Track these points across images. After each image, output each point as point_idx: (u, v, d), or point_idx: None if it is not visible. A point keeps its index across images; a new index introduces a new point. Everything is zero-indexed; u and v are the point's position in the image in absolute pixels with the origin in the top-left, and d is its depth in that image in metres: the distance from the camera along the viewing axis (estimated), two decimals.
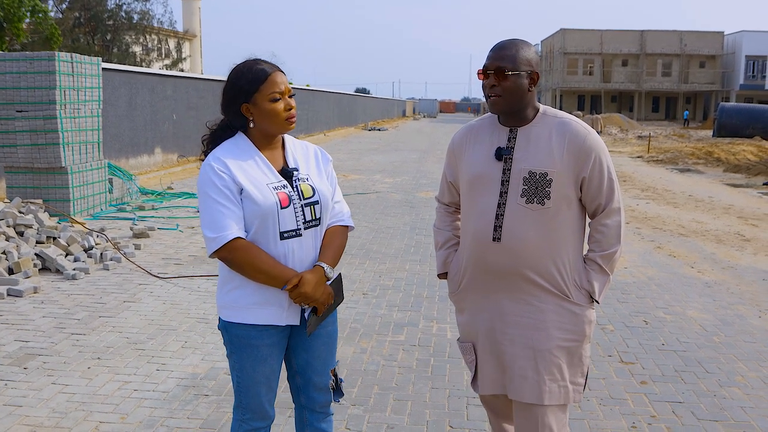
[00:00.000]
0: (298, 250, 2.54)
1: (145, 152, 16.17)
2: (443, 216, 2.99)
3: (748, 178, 17.25)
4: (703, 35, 69.58)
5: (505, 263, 2.58)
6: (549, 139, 2.56)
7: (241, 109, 2.53)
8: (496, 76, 2.52)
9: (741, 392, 4.34)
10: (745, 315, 5.94)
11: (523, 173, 2.55)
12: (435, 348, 5.04)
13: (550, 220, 2.55)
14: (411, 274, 7.17)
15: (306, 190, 2.58)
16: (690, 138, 35.93)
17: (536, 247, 2.55)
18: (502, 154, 2.59)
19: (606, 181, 2.59)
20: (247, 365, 2.58)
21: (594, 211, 2.65)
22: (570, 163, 2.54)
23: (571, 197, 2.58)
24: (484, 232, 2.60)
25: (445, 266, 2.89)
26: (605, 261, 2.64)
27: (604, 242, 2.64)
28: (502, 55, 2.53)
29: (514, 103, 2.55)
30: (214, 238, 2.44)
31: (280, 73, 2.55)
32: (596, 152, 2.56)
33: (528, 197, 2.54)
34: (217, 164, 2.48)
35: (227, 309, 2.58)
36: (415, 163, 20.51)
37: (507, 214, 2.56)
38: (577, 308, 2.62)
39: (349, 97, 48.25)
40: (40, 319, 5.54)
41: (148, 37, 41.57)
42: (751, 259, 8.13)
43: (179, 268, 7.23)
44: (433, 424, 3.87)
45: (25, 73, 9.60)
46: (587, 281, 2.63)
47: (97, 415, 3.91)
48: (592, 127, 2.60)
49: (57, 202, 9.69)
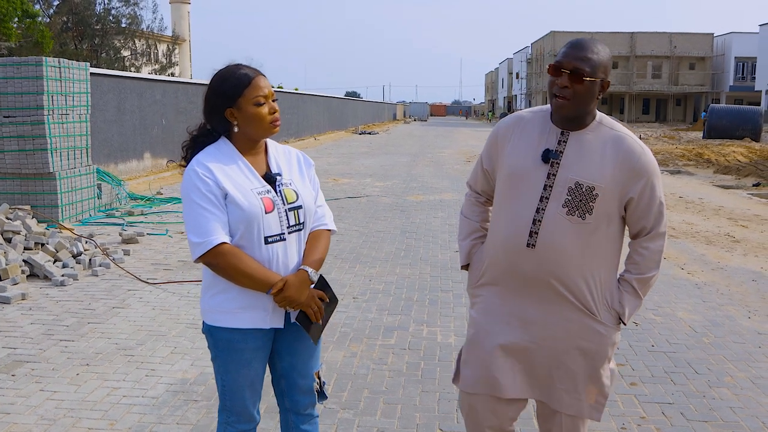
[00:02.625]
0: (283, 255, 2.55)
1: (134, 157, 16.11)
2: (472, 205, 2.86)
3: (738, 180, 17.34)
4: (692, 37, 70.04)
5: (536, 271, 2.48)
6: (602, 152, 2.44)
7: (225, 114, 2.54)
8: (571, 77, 2.37)
9: (730, 393, 4.36)
10: (735, 316, 5.96)
11: (569, 183, 2.43)
12: (425, 351, 5.03)
13: (587, 236, 2.45)
14: (401, 277, 7.16)
15: (289, 195, 2.59)
16: (680, 140, 36.08)
17: (570, 261, 2.45)
18: (550, 158, 2.46)
19: (656, 205, 2.48)
20: (231, 369, 2.59)
21: (637, 232, 2.54)
22: (619, 181, 2.42)
23: (613, 215, 2.47)
24: (518, 235, 2.49)
25: (469, 257, 2.78)
26: (641, 285, 2.54)
27: (643, 265, 2.53)
28: (583, 56, 2.37)
29: (581, 109, 2.42)
30: (199, 243, 2.44)
31: (263, 77, 2.56)
32: (649, 174, 2.44)
33: (570, 209, 2.42)
34: (201, 169, 2.48)
35: (211, 313, 2.59)
36: (405, 166, 20.51)
37: (545, 222, 2.45)
38: (603, 328, 2.52)
39: (339, 101, 48.24)
40: (28, 325, 5.51)
41: (137, 42, 41.43)
42: (740, 260, 8.16)
43: (169, 274, 7.20)
44: (423, 428, 3.86)
45: (12, 78, 9.55)
46: (618, 303, 2.54)
47: (86, 422, 3.88)
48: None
49: (45, 208, 9.64)
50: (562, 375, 2.56)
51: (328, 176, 17.01)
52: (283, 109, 30.48)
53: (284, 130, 28.93)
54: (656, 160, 2.56)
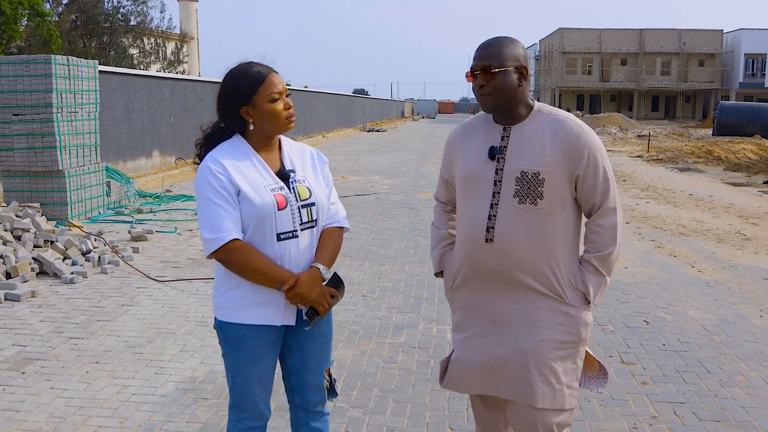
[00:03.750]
0: (295, 252, 2.56)
1: (143, 155, 16.15)
2: (440, 214, 2.95)
3: (749, 177, 17.24)
4: (702, 33, 69.65)
5: (498, 265, 2.54)
6: (542, 138, 2.51)
7: (241, 112, 2.54)
8: (484, 75, 2.49)
9: (742, 392, 4.32)
10: (746, 314, 5.92)
11: (515, 173, 2.51)
12: (435, 350, 5.01)
13: (543, 221, 2.50)
14: (410, 275, 7.15)
15: (302, 192, 2.60)
16: (690, 137, 35.93)
17: (529, 248, 2.50)
18: (495, 154, 2.55)
19: (601, 180, 2.52)
20: (242, 365, 2.60)
21: (589, 210, 2.59)
22: (563, 162, 2.48)
23: (566, 197, 2.53)
24: (477, 232, 2.56)
25: (440, 265, 2.85)
26: (600, 262, 2.57)
27: (599, 243, 2.57)
28: (487, 54, 2.51)
29: (505, 100, 2.52)
30: (212, 239, 2.45)
31: (276, 73, 2.57)
32: (590, 150, 2.50)
33: (521, 197, 2.49)
34: (215, 166, 2.49)
35: (223, 309, 2.59)
36: (414, 164, 20.49)
37: (499, 214, 2.52)
38: (573, 310, 2.56)
39: (347, 98, 48.25)
40: (38, 323, 5.52)
41: (146, 40, 41.51)
42: (751, 258, 8.11)
43: (178, 272, 7.21)
44: (433, 427, 3.84)
45: (22, 76, 9.57)
46: (582, 283, 2.57)
47: (96, 420, 3.88)
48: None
49: (54, 205, 9.66)
50: (541, 366, 2.55)
51: (336, 174, 17.00)
52: None
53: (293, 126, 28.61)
54: (665, 157, 2.57)
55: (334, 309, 2.74)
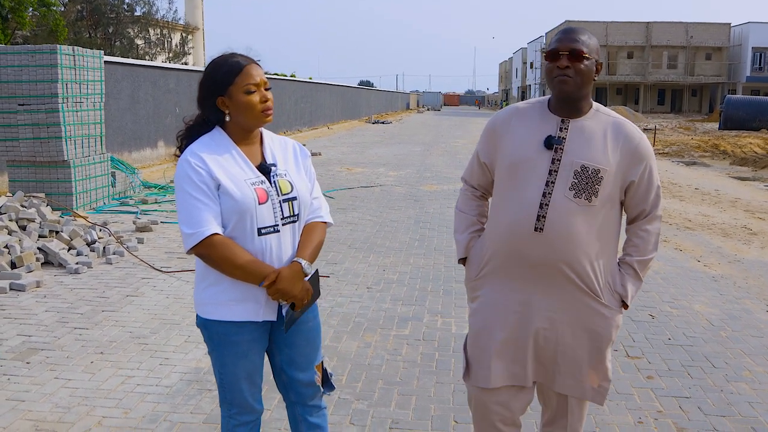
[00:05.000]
0: (276, 247, 2.52)
1: (148, 146, 16.15)
2: (468, 199, 2.88)
3: (755, 171, 17.17)
4: (709, 27, 69.27)
5: (544, 255, 2.51)
6: (604, 137, 2.52)
7: (217, 102, 2.51)
8: (570, 57, 2.46)
9: (748, 387, 4.31)
10: (752, 309, 5.90)
11: (575, 166, 2.49)
12: (440, 342, 5.01)
13: (593, 218, 2.50)
14: (415, 267, 7.14)
15: (284, 186, 2.56)
16: (696, 131, 35.80)
17: (578, 242, 2.49)
18: (553, 143, 2.52)
19: (654, 189, 2.59)
20: (228, 361, 2.57)
21: (636, 216, 2.63)
22: (621, 165, 2.51)
23: (615, 199, 2.56)
24: (525, 221, 2.51)
25: (467, 251, 2.80)
26: (641, 266, 2.63)
27: (643, 247, 2.62)
28: (577, 38, 2.48)
29: (583, 87, 2.50)
30: (191, 234, 2.42)
31: (255, 65, 2.52)
32: (648, 158, 2.55)
33: (577, 191, 2.48)
34: (194, 159, 2.45)
35: (205, 306, 2.56)
36: (419, 156, 20.46)
37: (552, 205, 2.49)
38: (607, 311, 2.59)
39: (352, 90, 48.18)
40: (42, 313, 5.52)
41: (152, 31, 41.45)
42: (758, 253, 8.08)
43: (182, 262, 7.21)
44: (437, 419, 3.84)
45: (27, 66, 9.56)
46: (621, 285, 2.61)
47: (100, 410, 3.89)
48: None
49: (59, 195, 9.66)
50: (567, 359, 2.60)
51: (341, 165, 16.99)
52: (296, 98, 30.47)
53: (298, 118, 28.87)
54: (671, 151, 2.61)
55: (337, 301, 2.71)
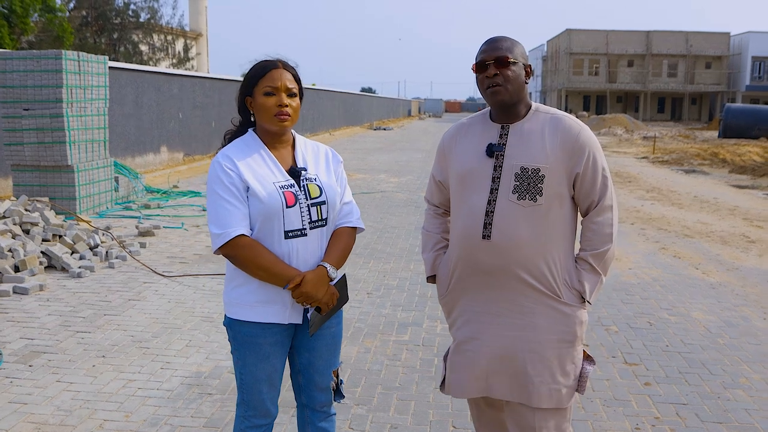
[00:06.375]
0: (303, 250, 2.55)
1: (151, 151, 16.20)
2: (431, 218, 2.95)
3: (754, 180, 17.20)
4: (709, 36, 69.37)
5: (495, 262, 2.53)
6: (542, 135, 2.53)
7: (246, 102, 2.60)
8: (497, 65, 2.50)
9: (745, 394, 4.34)
10: (750, 317, 5.93)
11: (514, 169, 2.51)
12: (439, 348, 5.04)
13: (541, 218, 2.50)
14: (415, 273, 7.17)
15: (313, 190, 2.59)
16: (695, 139, 35.84)
17: (527, 245, 2.50)
18: (494, 151, 2.56)
19: (600, 178, 2.55)
20: (249, 362, 2.60)
21: (587, 208, 2.60)
22: (563, 159, 2.50)
23: (564, 195, 2.54)
24: (474, 229, 2.55)
25: (434, 269, 2.83)
26: (596, 260, 2.58)
27: (596, 240, 2.58)
28: (500, 45, 2.53)
29: (515, 93, 2.53)
30: (219, 234, 2.47)
31: (283, 71, 2.56)
32: (590, 148, 2.53)
33: (520, 194, 2.49)
34: (225, 161, 2.51)
35: (232, 306, 2.60)
36: (420, 162, 20.50)
37: (497, 211, 2.51)
38: (568, 309, 2.56)
39: (354, 97, 48.22)
40: (45, 316, 5.56)
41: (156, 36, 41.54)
42: (756, 261, 8.11)
43: (184, 267, 7.25)
44: (436, 424, 3.87)
45: (32, 71, 9.63)
46: (578, 281, 2.57)
47: (102, 413, 3.92)
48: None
49: (63, 200, 9.72)
50: (538, 366, 2.56)
51: None
52: None
53: (300, 124, 28.94)
54: (671, 159, 2.60)
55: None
